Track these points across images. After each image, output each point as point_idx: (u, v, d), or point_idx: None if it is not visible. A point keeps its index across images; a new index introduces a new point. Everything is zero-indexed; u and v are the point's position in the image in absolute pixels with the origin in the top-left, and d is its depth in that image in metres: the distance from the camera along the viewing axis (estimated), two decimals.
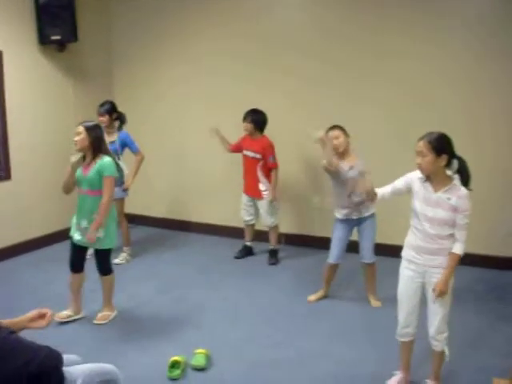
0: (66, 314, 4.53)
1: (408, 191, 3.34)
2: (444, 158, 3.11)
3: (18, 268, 5.78)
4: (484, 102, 5.41)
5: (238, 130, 5.87)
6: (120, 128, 5.87)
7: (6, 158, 5.95)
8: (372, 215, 4.66)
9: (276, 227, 5.98)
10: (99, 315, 4.56)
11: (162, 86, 7.01)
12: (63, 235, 6.52)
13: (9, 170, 5.98)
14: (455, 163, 3.16)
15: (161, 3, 6.81)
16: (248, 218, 6.05)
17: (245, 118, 5.76)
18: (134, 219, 6.63)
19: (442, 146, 3.12)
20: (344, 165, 4.53)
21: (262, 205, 5.86)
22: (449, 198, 3.12)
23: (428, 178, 3.22)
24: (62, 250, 6.27)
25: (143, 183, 6.90)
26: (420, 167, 3.17)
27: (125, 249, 6.02)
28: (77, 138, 4.28)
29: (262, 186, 5.78)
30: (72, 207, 6.48)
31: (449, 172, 3.18)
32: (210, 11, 6.52)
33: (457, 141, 5.13)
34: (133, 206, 6.33)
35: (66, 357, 2.42)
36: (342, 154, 4.56)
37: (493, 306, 4.73)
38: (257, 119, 5.73)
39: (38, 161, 6.31)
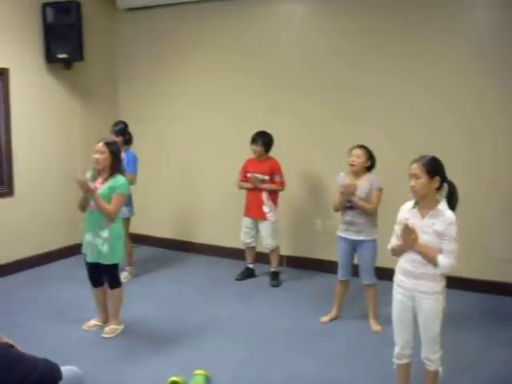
0: (93, 323, 4.72)
1: None
2: (437, 181, 3.19)
3: (18, 285, 5.76)
4: (486, 125, 5.40)
5: (241, 147, 5.89)
6: (127, 148, 5.84)
7: (10, 175, 5.97)
8: (372, 240, 4.69)
9: (277, 249, 5.95)
10: (107, 329, 4.60)
11: (166, 105, 7.05)
12: (65, 253, 6.55)
13: (12, 186, 6.00)
14: (445, 187, 3.25)
15: (165, 23, 6.89)
16: (248, 241, 6.01)
17: (254, 141, 5.74)
18: (137, 239, 6.62)
19: (435, 168, 3.20)
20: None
21: (265, 227, 5.84)
22: (433, 223, 3.16)
23: (416, 203, 3.27)
24: (63, 268, 6.32)
25: (146, 203, 6.91)
26: (414, 189, 3.22)
27: (127, 268, 6.00)
28: (98, 156, 4.30)
29: (265, 208, 5.76)
30: (74, 225, 6.50)
31: (438, 196, 3.23)
32: (214, 28, 6.59)
33: (457, 163, 5.16)
34: (136, 226, 6.34)
35: (65, 368, 2.41)
36: (356, 173, 4.66)
37: (489, 331, 4.68)
38: (266, 142, 5.74)
39: (41, 178, 6.32)
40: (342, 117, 5.99)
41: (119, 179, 4.36)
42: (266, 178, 5.74)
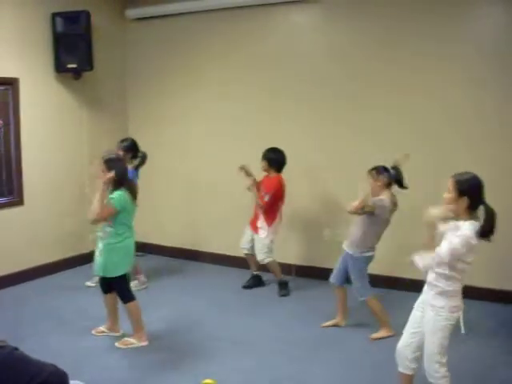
0: (100, 329, 4.76)
1: None
2: (464, 201, 3.05)
3: (29, 293, 5.76)
4: (491, 141, 5.38)
5: (250, 160, 5.85)
6: (137, 168, 5.73)
7: (20, 184, 5.99)
8: (356, 258, 4.64)
9: (271, 263, 5.85)
10: (123, 339, 4.60)
11: (175, 115, 7.05)
12: (75, 261, 6.54)
13: (22, 195, 6.02)
14: (481, 210, 3.08)
15: (175, 33, 6.90)
16: (243, 246, 5.99)
17: (262, 156, 5.71)
18: (145, 248, 6.61)
19: (466, 187, 3.07)
20: None
21: (256, 240, 5.86)
22: (445, 233, 3.09)
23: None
24: (73, 277, 6.30)
25: (154, 212, 6.91)
26: (444, 202, 3.13)
27: (136, 276, 5.99)
28: (102, 175, 4.27)
29: (259, 224, 5.80)
30: (83, 235, 6.50)
31: (471, 215, 3.08)
32: (225, 39, 6.60)
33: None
34: (143, 235, 6.33)
35: (71, 382, 2.38)
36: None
37: (504, 341, 4.65)
38: (271, 158, 5.68)
39: (50, 187, 6.34)
40: (352, 129, 5.97)
41: (115, 193, 4.29)
42: (268, 195, 5.65)
